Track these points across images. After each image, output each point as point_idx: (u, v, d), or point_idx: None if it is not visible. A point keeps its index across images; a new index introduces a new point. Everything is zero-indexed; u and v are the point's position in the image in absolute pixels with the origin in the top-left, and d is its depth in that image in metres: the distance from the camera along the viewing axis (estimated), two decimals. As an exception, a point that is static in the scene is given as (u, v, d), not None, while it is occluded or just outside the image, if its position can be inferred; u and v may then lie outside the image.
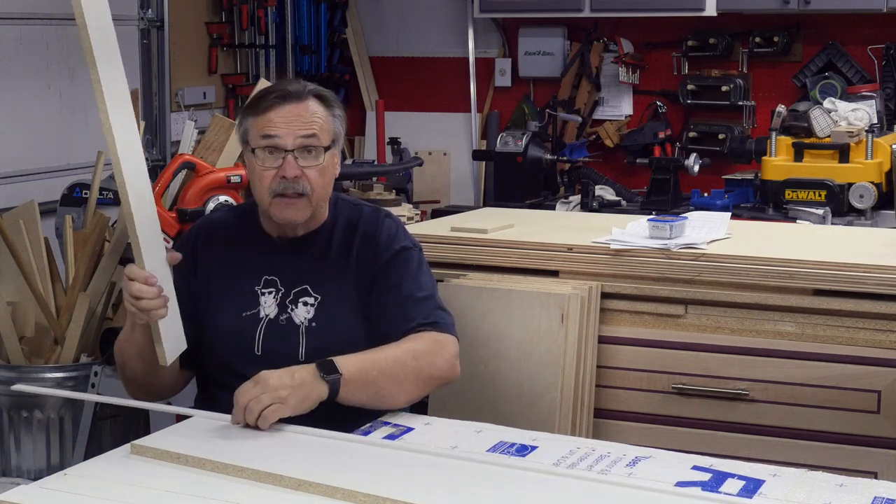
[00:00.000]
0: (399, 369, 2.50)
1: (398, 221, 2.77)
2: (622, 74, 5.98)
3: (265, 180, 2.58)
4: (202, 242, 2.75)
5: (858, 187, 4.76)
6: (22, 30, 4.95)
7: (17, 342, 3.87)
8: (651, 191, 5.29)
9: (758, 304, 2.92)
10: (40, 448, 3.88)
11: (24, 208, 4.10)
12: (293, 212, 2.60)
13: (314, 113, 2.60)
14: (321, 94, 2.65)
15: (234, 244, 2.72)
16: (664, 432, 2.99)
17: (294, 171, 2.56)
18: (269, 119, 2.58)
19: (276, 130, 2.57)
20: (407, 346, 2.55)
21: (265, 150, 2.58)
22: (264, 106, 2.59)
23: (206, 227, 2.82)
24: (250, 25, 6.19)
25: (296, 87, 2.62)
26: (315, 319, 2.63)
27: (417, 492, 2.03)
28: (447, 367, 2.57)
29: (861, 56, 5.53)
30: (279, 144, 2.57)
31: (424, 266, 2.73)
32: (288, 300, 2.65)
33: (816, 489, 2.07)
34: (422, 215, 4.70)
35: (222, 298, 2.68)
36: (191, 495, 2.04)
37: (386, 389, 2.48)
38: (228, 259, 2.71)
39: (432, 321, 2.61)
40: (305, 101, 2.60)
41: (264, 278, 2.66)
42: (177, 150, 4.44)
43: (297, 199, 2.58)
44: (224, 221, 2.81)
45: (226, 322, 2.66)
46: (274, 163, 2.57)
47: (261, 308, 2.65)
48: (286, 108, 2.58)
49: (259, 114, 2.60)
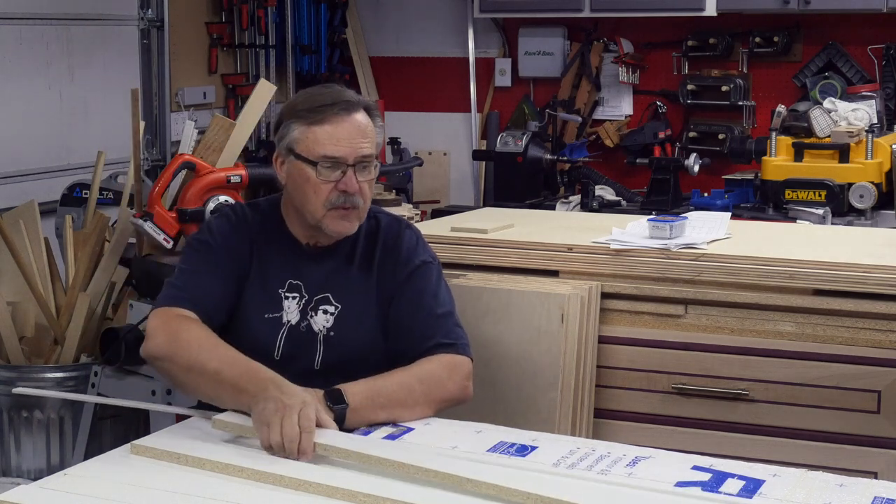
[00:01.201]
0: (406, 395, 2.48)
1: (418, 232, 2.76)
2: (622, 74, 5.98)
3: (322, 193, 2.55)
4: (237, 231, 2.66)
5: (858, 187, 4.76)
6: (22, 30, 4.95)
7: (17, 342, 3.87)
8: (651, 191, 5.29)
9: (758, 304, 2.92)
10: (40, 448, 3.88)
11: (24, 208, 4.10)
12: (347, 224, 2.59)
13: (368, 127, 2.58)
14: (368, 105, 2.63)
15: (263, 243, 2.68)
16: (664, 432, 2.99)
17: (356, 186, 2.55)
18: (328, 133, 2.54)
19: (340, 148, 2.54)
20: (416, 371, 2.54)
21: (326, 164, 2.54)
22: (322, 117, 2.55)
23: (240, 216, 2.69)
24: (250, 25, 6.19)
25: (350, 96, 2.59)
26: (333, 329, 2.61)
27: (417, 492, 2.04)
28: (457, 390, 2.56)
29: (861, 56, 5.53)
30: (341, 160, 2.54)
31: (443, 281, 2.72)
32: (310, 307, 2.63)
33: (816, 489, 2.07)
34: (422, 215, 4.70)
35: (249, 295, 2.64)
36: (191, 495, 2.04)
37: (395, 415, 2.47)
38: (257, 256, 2.66)
39: (451, 341, 2.60)
40: (360, 111, 2.58)
41: (289, 282, 2.64)
42: (177, 150, 4.44)
43: (351, 211, 2.58)
44: (253, 217, 2.71)
45: (249, 320, 2.63)
46: (332, 176, 2.55)
47: (284, 313, 2.63)
48: (347, 121, 2.55)
49: (316, 124, 2.55)
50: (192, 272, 2.63)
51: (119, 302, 4.05)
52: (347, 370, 2.54)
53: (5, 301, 3.86)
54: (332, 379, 2.52)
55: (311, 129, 2.55)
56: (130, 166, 4.05)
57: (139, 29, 5.51)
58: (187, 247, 2.76)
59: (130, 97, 3.93)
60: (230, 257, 2.63)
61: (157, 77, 5.65)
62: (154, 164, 5.51)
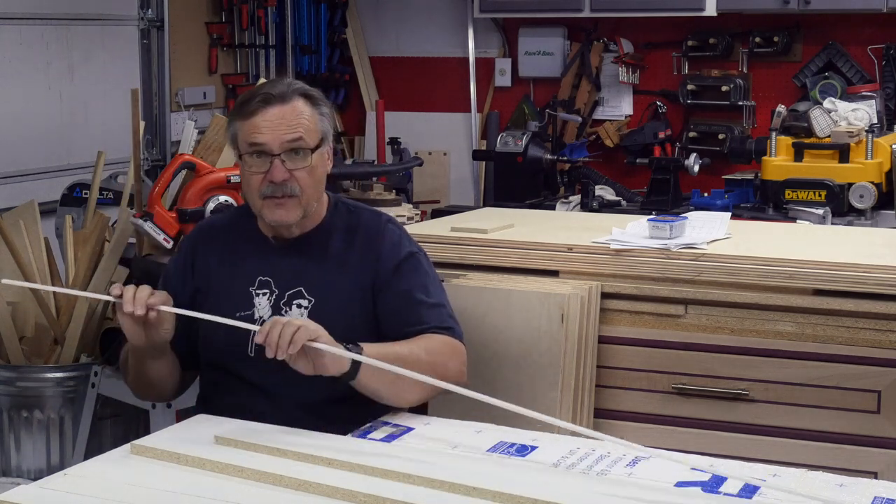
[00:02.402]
0: (414, 362, 2.46)
1: (400, 226, 2.77)
2: (622, 74, 5.98)
3: (254, 184, 2.59)
4: (202, 243, 2.77)
5: (858, 187, 4.75)
6: (22, 30, 4.95)
7: (17, 342, 3.87)
8: (651, 191, 5.29)
9: (758, 304, 2.92)
10: (40, 448, 3.88)
11: (24, 208, 4.10)
12: (283, 212, 2.59)
13: (300, 114, 2.58)
14: (307, 92, 2.62)
15: (232, 244, 2.73)
16: (664, 432, 2.99)
17: (282, 175, 2.56)
18: (254, 124, 2.56)
19: (262, 136, 2.56)
20: (421, 343, 2.56)
21: (252, 155, 2.57)
22: (249, 110, 2.58)
23: (207, 227, 2.85)
24: (250, 25, 6.19)
25: (280, 88, 2.59)
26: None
27: (417, 492, 2.03)
28: (457, 373, 2.57)
29: (861, 56, 5.52)
30: (266, 150, 2.56)
31: (431, 271, 2.73)
32: (282, 302, 2.63)
33: (816, 489, 2.07)
34: (422, 215, 4.70)
35: (218, 298, 2.68)
36: (191, 495, 2.04)
37: (399, 382, 2.45)
38: (225, 259, 2.71)
39: (447, 326, 2.62)
40: (291, 101, 2.58)
41: (258, 279, 2.66)
42: (177, 150, 4.44)
43: (286, 199, 2.58)
44: (223, 222, 2.83)
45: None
46: (262, 167, 2.57)
47: (255, 309, 2.64)
48: (271, 112, 2.56)
49: (245, 118, 2.58)
50: None
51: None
52: None
53: (5, 301, 3.86)
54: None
55: (242, 124, 2.59)
56: (130, 166, 4.05)
57: (139, 29, 5.51)
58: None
59: (130, 97, 3.93)
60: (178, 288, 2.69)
61: (157, 77, 5.65)
62: (154, 164, 5.51)
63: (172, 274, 2.76)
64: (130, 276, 3.97)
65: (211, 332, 2.64)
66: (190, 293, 2.70)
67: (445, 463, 2.13)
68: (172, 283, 2.72)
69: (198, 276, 2.72)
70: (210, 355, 2.69)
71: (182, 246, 2.84)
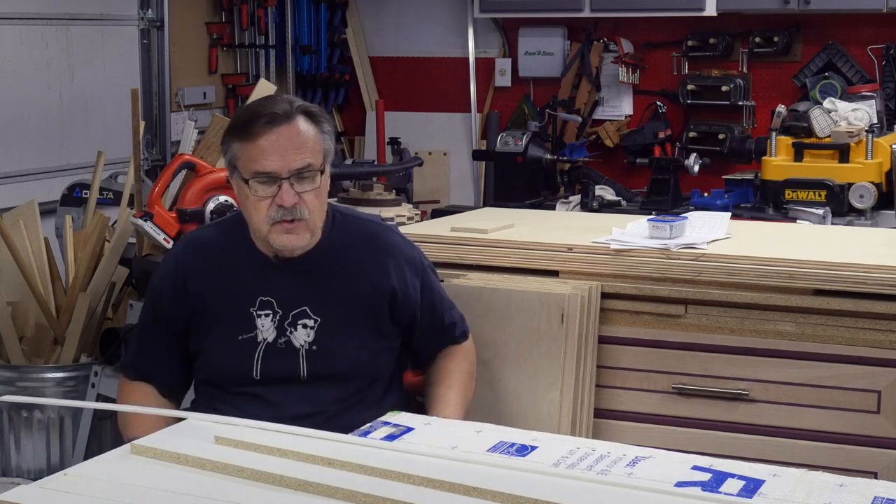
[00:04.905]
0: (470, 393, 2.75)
1: (396, 229, 2.78)
2: (622, 74, 5.98)
3: (261, 210, 2.48)
4: (193, 261, 2.63)
5: (858, 187, 4.75)
6: (22, 30, 4.95)
7: (17, 342, 3.87)
8: (651, 191, 5.29)
9: (758, 304, 2.92)
10: (40, 448, 3.88)
11: (24, 208, 4.10)
12: (294, 238, 2.51)
13: (305, 136, 2.48)
14: (309, 110, 2.52)
15: (227, 263, 2.61)
16: (664, 432, 2.99)
17: (292, 200, 2.47)
18: (259, 148, 2.45)
19: (270, 163, 2.45)
20: (456, 377, 2.73)
21: (258, 180, 2.47)
22: (253, 132, 2.46)
23: (195, 243, 2.69)
24: (250, 25, 6.19)
25: (283, 107, 2.48)
26: (315, 343, 2.56)
27: (418, 492, 2.03)
28: (475, 371, 2.82)
29: (861, 56, 5.53)
30: (274, 175, 2.46)
31: (429, 266, 2.78)
32: (286, 322, 2.56)
33: (816, 489, 2.07)
34: (422, 215, 4.70)
35: (217, 320, 2.58)
36: (191, 495, 2.04)
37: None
38: (222, 279, 2.60)
39: (463, 330, 2.78)
40: (294, 121, 2.47)
41: (259, 299, 2.56)
42: (177, 150, 4.44)
43: (296, 223, 2.49)
44: (214, 237, 2.68)
45: (220, 345, 2.58)
46: (268, 191, 2.47)
47: (258, 332, 2.56)
48: (276, 133, 2.45)
49: (248, 140, 2.47)
50: (144, 335, 2.69)
51: (119, 302, 4.06)
52: (336, 380, 2.54)
53: (5, 301, 3.86)
54: (320, 388, 2.52)
55: (244, 146, 2.48)
56: (130, 166, 4.05)
57: (139, 29, 5.51)
58: (147, 290, 2.75)
59: (130, 97, 3.93)
60: (172, 312, 2.61)
61: (157, 77, 5.65)
62: (154, 164, 5.51)
63: (165, 296, 2.63)
64: (130, 275, 3.97)
65: (212, 355, 2.59)
66: (185, 317, 2.60)
67: (445, 463, 2.13)
68: (165, 307, 2.62)
69: (193, 298, 2.59)
70: (210, 376, 2.63)
71: (169, 264, 2.67)
